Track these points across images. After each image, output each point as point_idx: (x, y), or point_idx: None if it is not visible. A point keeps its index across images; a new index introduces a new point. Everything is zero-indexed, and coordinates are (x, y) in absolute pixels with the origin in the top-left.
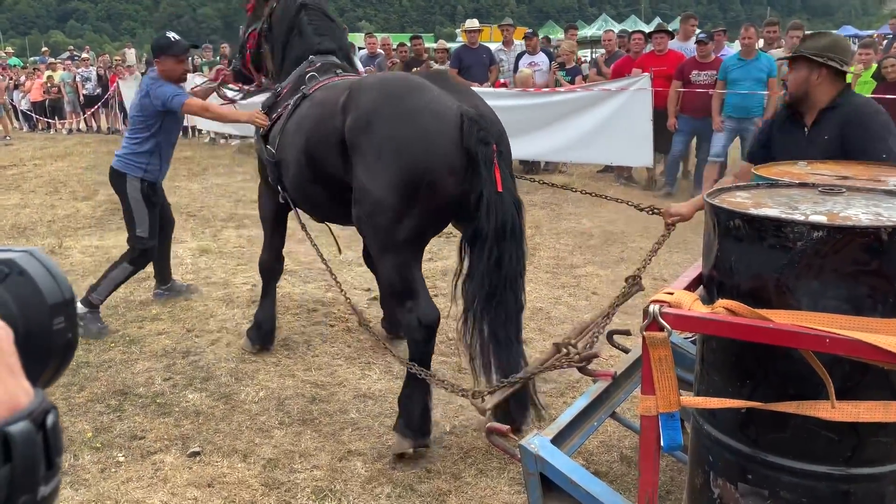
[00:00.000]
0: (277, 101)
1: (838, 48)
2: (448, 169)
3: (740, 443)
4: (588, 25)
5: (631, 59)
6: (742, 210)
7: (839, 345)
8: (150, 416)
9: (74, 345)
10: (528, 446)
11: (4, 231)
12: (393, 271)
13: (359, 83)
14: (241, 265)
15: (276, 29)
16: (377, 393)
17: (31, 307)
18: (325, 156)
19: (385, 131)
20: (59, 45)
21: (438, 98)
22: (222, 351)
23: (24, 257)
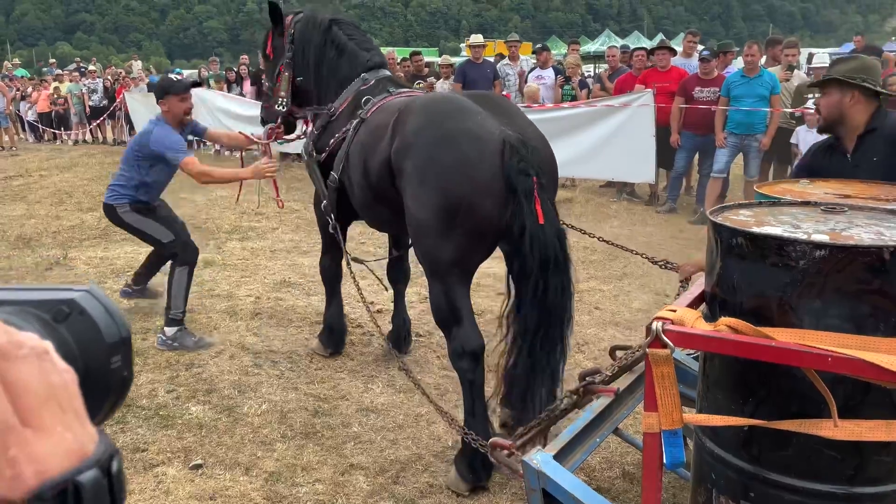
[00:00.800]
0: (331, 123)
1: (869, 69)
2: (487, 193)
3: (743, 461)
4: (591, 41)
5: (633, 76)
6: (744, 228)
7: (842, 364)
8: (152, 428)
9: (130, 382)
10: (531, 462)
11: (9, 242)
12: (440, 296)
13: (407, 105)
14: (245, 277)
15: (304, 52)
16: (380, 406)
17: (91, 346)
18: (381, 178)
19: (425, 155)
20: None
21: (480, 122)
22: (225, 363)
23: (84, 296)
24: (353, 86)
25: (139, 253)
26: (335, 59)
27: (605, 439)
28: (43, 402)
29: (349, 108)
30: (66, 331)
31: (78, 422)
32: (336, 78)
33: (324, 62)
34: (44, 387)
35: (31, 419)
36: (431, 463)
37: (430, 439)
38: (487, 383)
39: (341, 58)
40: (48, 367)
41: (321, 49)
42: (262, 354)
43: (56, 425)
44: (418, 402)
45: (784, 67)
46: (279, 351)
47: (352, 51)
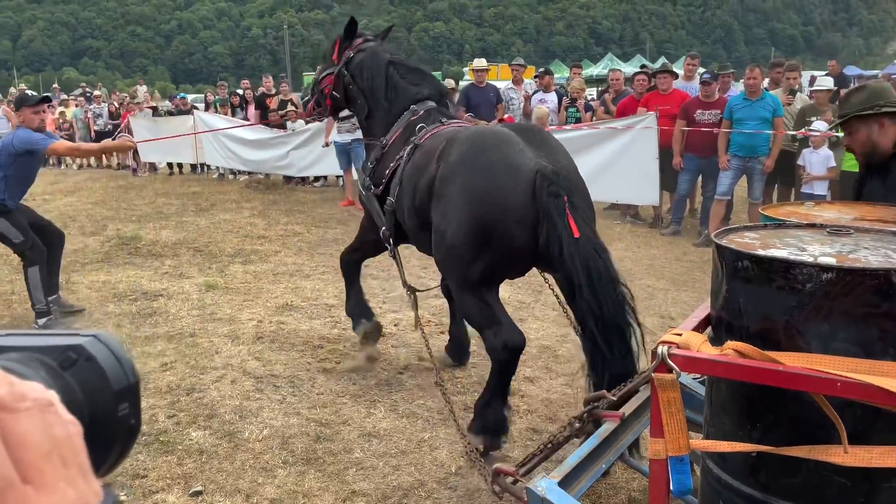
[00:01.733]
0: (385, 153)
1: (883, 93)
2: (517, 220)
3: (751, 487)
4: (594, 64)
5: (635, 99)
6: (750, 251)
7: (851, 389)
8: (152, 454)
9: (138, 430)
10: (535, 489)
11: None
12: (470, 307)
13: (454, 135)
14: (248, 301)
15: (360, 82)
16: (382, 432)
17: (97, 394)
18: (423, 201)
19: (464, 181)
20: (73, 81)
21: (518, 153)
22: (227, 388)
23: (92, 342)
24: (403, 118)
25: (141, 277)
26: (387, 94)
27: (611, 465)
28: (45, 457)
29: (401, 138)
30: (72, 378)
31: (81, 477)
32: (388, 112)
33: (375, 95)
34: (46, 441)
35: (32, 475)
36: (434, 489)
37: (432, 465)
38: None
39: (396, 95)
40: (52, 420)
41: (379, 85)
42: (264, 379)
43: (58, 481)
44: (421, 427)
45: (786, 91)
46: (281, 375)
47: (403, 88)
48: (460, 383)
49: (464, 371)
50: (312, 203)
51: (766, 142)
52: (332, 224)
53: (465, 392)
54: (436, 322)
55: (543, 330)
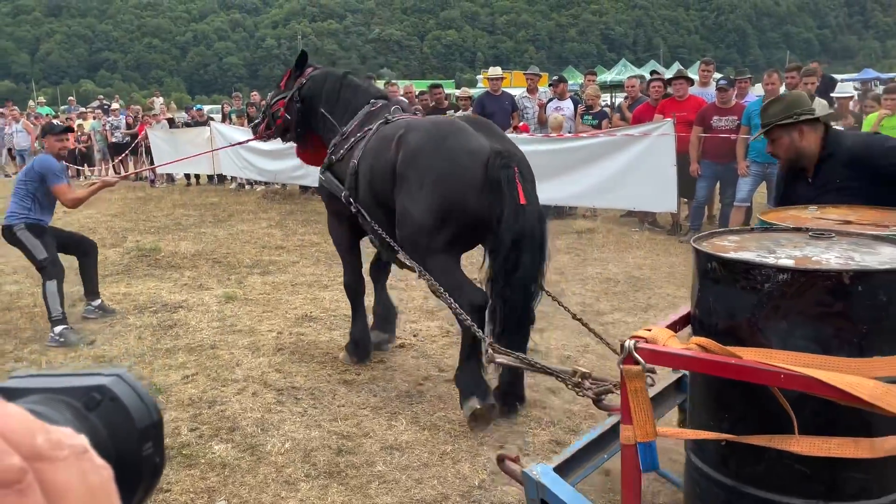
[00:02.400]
0: (343, 139)
1: (798, 102)
2: (476, 192)
3: (723, 475)
4: (607, 70)
5: (651, 106)
6: (717, 253)
7: (793, 381)
8: (175, 467)
9: (162, 468)
10: (531, 473)
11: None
12: (437, 274)
13: (411, 124)
14: (267, 312)
15: (315, 98)
16: (404, 444)
17: (122, 433)
18: (383, 184)
19: (426, 164)
20: (90, 93)
21: (473, 139)
22: (248, 401)
23: (115, 381)
24: (363, 110)
25: (161, 288)
26: (350, 96)
27: (613, 455)
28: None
29: (359, 124)
30: (97, 419)
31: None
32: (351, 110)
33: (339, 100)
34: (84, 490)
35: None
36: (458, 503)
37: (455, 478)
38: None
39: (355, 95)
40: (87, 468)
41: (337, 92)
42: (285, 391)
43: None
44: (443, 439)
45: None
46: (302, 387)
47: (363, 88)
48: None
49: None
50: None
51: None
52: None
53: None
54: (455, 332)
55: (564, 339)
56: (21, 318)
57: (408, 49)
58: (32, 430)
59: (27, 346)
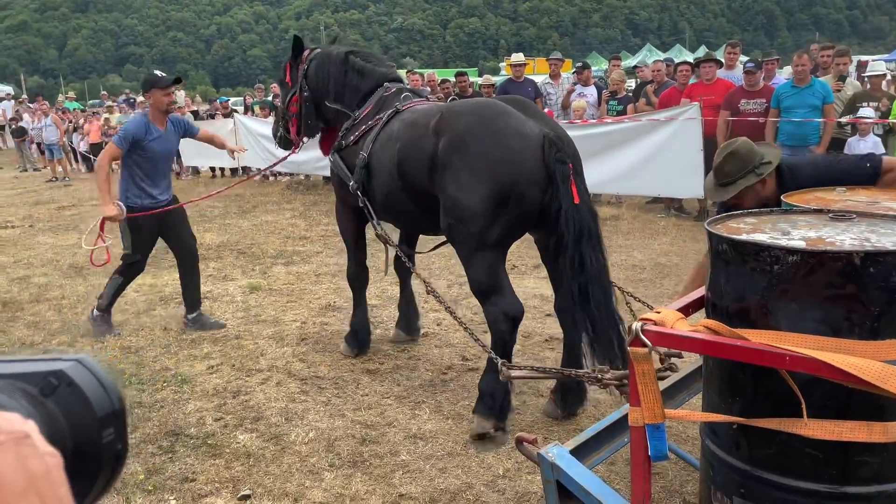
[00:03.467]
0: (356, 124)
1: (751, 155)
2: (531, 182)
3: (736, 458)
4: (632, 56)
5: (678, 90)
6: (728, 235)
7: (799, 363)
8: (201, 457)
9: (124, 456)
10: (546, 455)
11: (62, 270)
12: (480, 271)
13: (451, 108)
14: (291, 302)
15: (321, 82)
16: (428, 434)
17: (81, 420)
18: (415, 173)
19: (477, 150)
20: (116, 88)
21: (522, 122)
22: (272, 390)
23: (74, 366)
24: (376, 94)
25: None
26: (357, 80)
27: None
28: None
29: (374, 109)
30: (53, 405)
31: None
32: (360, 93)
33: (347, 86)
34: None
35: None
36: (482, 493)
37: (479, 468)
38: None
39: (363, 78)
40: (28, 453)
41: (342, 76)
42: (309, 381)
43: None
44: (467, 428)
45: (835, 77)
46: (325, 377)
47: (370, 70)
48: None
49: None
50: None
51: (816, 130)
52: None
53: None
54: (479, 320)
55: None
56: (49, 310)
57: (430, 38)
58: None
59: (55, 337)
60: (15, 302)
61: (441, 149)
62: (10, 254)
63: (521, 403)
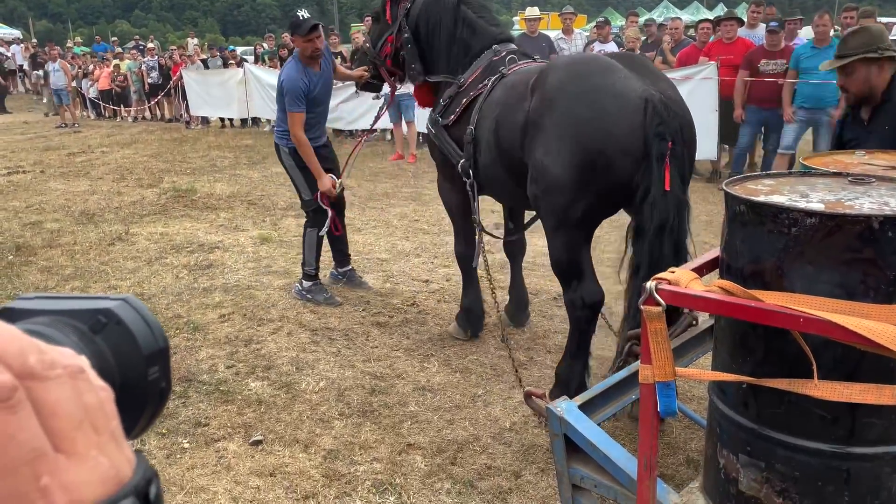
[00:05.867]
0: (461, 91)
1: (882, 36)
2: (623, 151)
3: (743, 417)
4: (649, 12)
5: (697, 48)
6: (746, 196)
7: (812, 325)
8: (213, 403)
9: (168, 393)
10: (555, 409)
11: (74, 217)
12: (562, 249)
13: (550, 64)
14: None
15: (426, 28)
16: (436, 386)
17: (128, 358)
18: (512, 138)
19: (565, 110)
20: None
21: (623, 80)
22: (283, 340)
23: (121, 306)
24: (483, 56)
25: (197, 229)
26: (467, 36)
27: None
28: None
29: (481, 76)
30: (102, 342)
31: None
32: (467, 53)
33: (455, 40)
34: (78, 409)
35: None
36: (489, 444)
37: (486, 420)
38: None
39: (473, 35)
40: (83, 387)
41: (452, 27)
42: (320, 331)
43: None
44: (475, 382)
45: None
46: (336, 328)
47: (482, 28)
48: (513, 339)
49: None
50: (362, 157)
51: (834, 93)
52: (382, 178)
53: (517, 348)
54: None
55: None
56: (62, 255)
57: None
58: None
59: (68, 283)
60: (28, 246)
61: (532, 109)
62: (22, 199)
63: (529, 360)
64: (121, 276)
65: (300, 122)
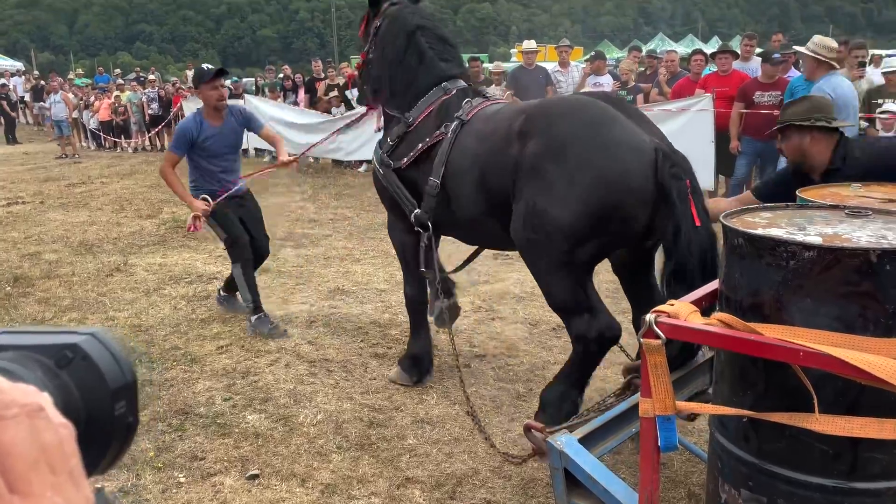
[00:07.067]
0: (410, 132)
1: (822, 108)
2: (639, 201)
3: (744, 451)
4: (644, 44)
5: (691, 80)
6: (744, 229)
7: (812, 358)
8: (210, 436)
9: (135, 428)
10: (554, 443)
11: (73, 248)
12: (566, 290)
13: (542, 108)
14: (300, 285)
15: (385, 51)
16: (435, 419)
17: (94, 393)
18: (502, 184)
19: (583, 161)
20: (126, 65)
21: (634, 131)
22: (281, 372)
23: (88, 340)
24: (432, 94)
25: (196, 259)
26: (414, 65)
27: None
28: (33, 465)
29: (434, 117)
30: (68, 377)
31: (72, 484)
32: (412, 86)
33: (401, 67)
34: (34, 449)
35: (18, 485)
36: (488, 478)
37: (486, 454)
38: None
39: (420, 65)
40: (41, 426)
41: (402, 53)
42: (317, 363)
43: (46, 490)
44: None
45: (853, 66)
46: (334, 360)
47: (430, 60)
48: (512, 371)
49: (516, 358)
50: (361, 187)
51: None
52: (381, 209)
53: (517, 380)
54: (486, 308)
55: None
56: (60, 286)
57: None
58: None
59: (66, 314)
60: (26, 278)
61: (531, 153)
62: (21, 230)
63: (528, 391)
64: (119, 307)
65: (171, 161)
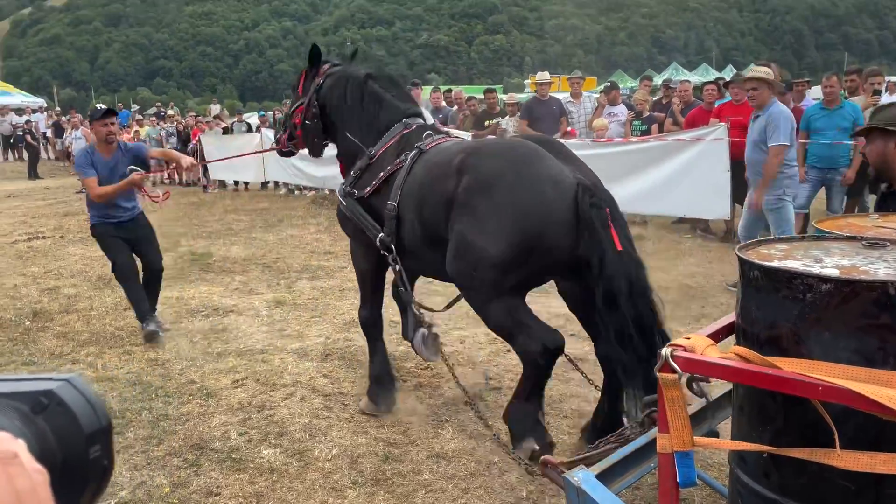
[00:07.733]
0: (374, 164)
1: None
2: (562, 232)
3: (765, 488)
4: (658, 74)
5: (705, 110)
6: (760, 262)
7: (832, 393)
8: (225, 471)
9: (110, 471)
10: (571, 479)
11: (91, 282)
12: (501, 314)
13: (477, 147)
14: (316, 317)
15: (341, 101)
16: (451, 453)
17: (69, 437)
18: (437, 215)
19: (506, 195)
20: (146, 101)
21: (557, 168)
22: (296, 406)
23: (63, 386)
24: (394, 129)
25: (213, 293)
26: (374, 110)
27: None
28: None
29: (393, 149)
30: (44, 422)
31: None
32: (375, 126)
33: (362, 114)
34: (8, 495)
35: None
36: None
37: (503, 489)
38: None
39: (380, 109)
40: (14, 472)
41: (359, 102)
42: (333, 397)
43: None
44: (490, 449)
45: (869, 94)
46: (349, 393)
47: (389, 102)
48: None
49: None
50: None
51: (846, 152)
52: None
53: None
54: (500, 340)
55: None
56: (78, 320)
57: (455, 54)
58: None
59: (84, 348)
60: (45, 312)
61: (462, 188)
62: (40, 264)
63: (546, 425)
64: (136, 340)
65: (92, 184)
